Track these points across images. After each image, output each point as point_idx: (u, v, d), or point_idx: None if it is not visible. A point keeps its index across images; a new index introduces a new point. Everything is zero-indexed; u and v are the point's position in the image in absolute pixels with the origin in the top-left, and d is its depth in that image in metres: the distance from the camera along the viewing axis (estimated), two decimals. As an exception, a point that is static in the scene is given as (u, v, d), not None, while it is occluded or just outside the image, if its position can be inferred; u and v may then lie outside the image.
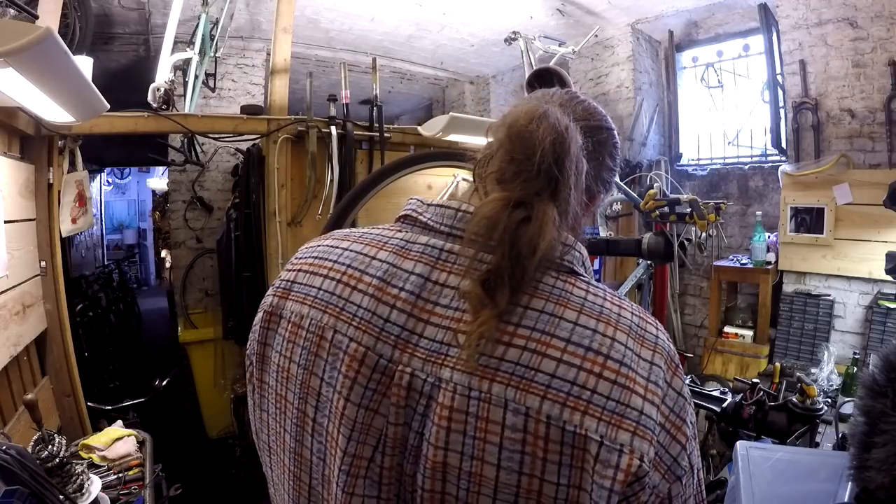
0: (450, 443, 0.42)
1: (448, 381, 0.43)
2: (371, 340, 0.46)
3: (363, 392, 0.46)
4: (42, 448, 1.22)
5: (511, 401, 0.42)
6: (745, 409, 1.39)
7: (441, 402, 0.43)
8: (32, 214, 1.66)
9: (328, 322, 0.49)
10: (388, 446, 0.45)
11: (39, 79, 0.96)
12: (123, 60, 3.60)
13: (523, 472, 0.41)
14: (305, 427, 0.49)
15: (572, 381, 0.42)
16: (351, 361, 0.46)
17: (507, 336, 0.44)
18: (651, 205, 1.60)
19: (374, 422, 0.45)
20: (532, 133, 0.46)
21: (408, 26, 3.64)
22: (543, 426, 0.41)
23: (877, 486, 0.63)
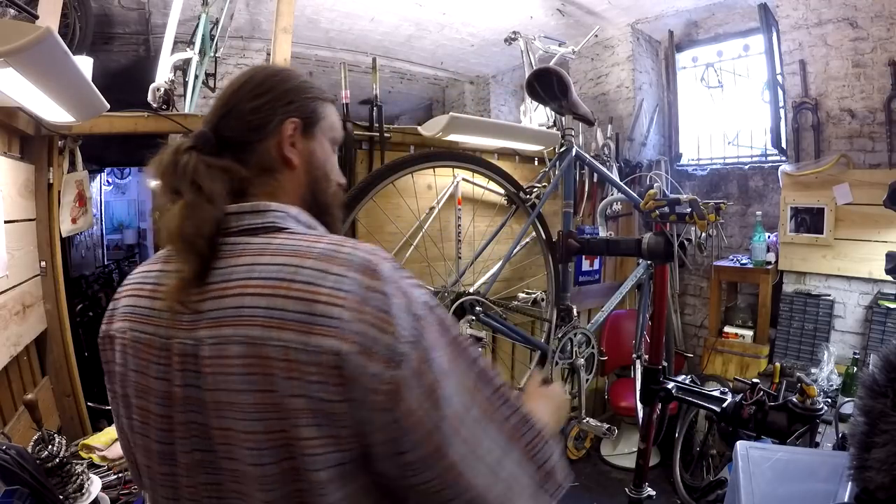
0: (215, 383, 0.53)
1: (199, 339, 0.54)
2: (152, 328, 0.60)
3: (157, 368, 0.58)
4: (42, 448, 1.22)
5: (233, 336, 0.52)
6: (745, 409, 1.38)
7: (202, 356, 0.54)
8: (32, 214, 1.66)
9: (129, 327, 0.63)
10: (178, 405, 0.56)
11: (39, 79, 0.96)
12: (123, 60, 3.60)
13: (257, 390, 0.51)
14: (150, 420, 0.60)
15: (268, 307, 0.51)
16: (146, 349, 0.60)
17: (218, 291, 0.55)
18: (651, 205, 1.60)
19: (165, 387, 0.57)
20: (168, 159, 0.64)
21: (408, 26, 3.64)
22: (260, 348, 0.50)
23: (877, 486, 0.63)
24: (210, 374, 0.53)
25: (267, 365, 0.50)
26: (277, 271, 0.53)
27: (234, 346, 0.52)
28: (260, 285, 0.53)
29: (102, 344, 0.68)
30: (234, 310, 0.53)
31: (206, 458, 0.56)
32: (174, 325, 0.57)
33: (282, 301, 0.51)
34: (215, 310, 0.54)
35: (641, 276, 2.19)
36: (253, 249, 0.56)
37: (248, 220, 0.60)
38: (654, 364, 1.62)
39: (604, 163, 3.10)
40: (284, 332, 0.50)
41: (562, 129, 2.03)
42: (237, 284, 0.54)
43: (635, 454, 1.77)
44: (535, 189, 2.03)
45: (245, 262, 0.55)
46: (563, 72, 1.88)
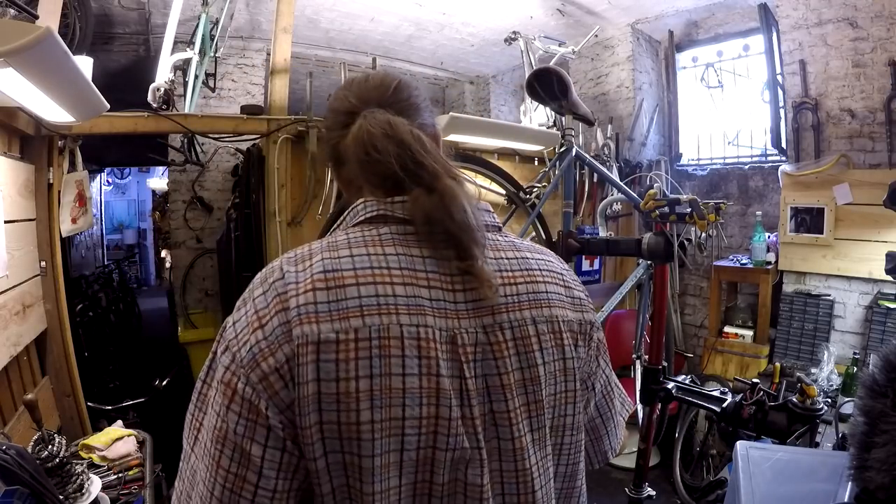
0: (512, 365, 0.56)
1: (492, 325, 0.56)
2: (431, 320, 0.53)
3: (445, 364, 0.52)
4: (42, 448, 1.22)
5: (535, 317, 0.59)
6: (745, 409, 1.38)
7: (495, 341, 0.56)
8: (32, 214, 1.66)
9: (390, 321, 0.51)
10: (472, 397, 0.54)
11: (39, 79, 0.96)
12: (123, 60, 3.60)
13: (556, 359, 0.60)
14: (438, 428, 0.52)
15: (554, 292, 0.63)
16: (431, 344, 0.52)
17: (505, 279, 0.59)
18: (651, 205, 1.60)
19: (456, 385, 0.53)
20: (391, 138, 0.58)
21: (408, 26, 3.64)
22: (557, 324, 0.61)
23: (877, 486, 0.63)
24: (509, 356, 0.56)
25: (560, 339, 0.61)
26: (546, 264, 0.65)
27: (538, 325, 0.59)
28: (542, 275, 0.63)
29: (292, 357, 0.48)
30: (531, 294, 0.60)
31: (497, 445, 0.56)
32: (454, 315, 0.54)
33: (557, 287, 0.63)
34: (507, 296, 0.58)
35: (641, 276, 2.19)
36: (505, 245, 0.63)
37: (488, 218, 0.65)
38: (654, 364, 1.62)
39: (604, 163, 3.10)
40: (566, 310, 0.63)
41: (562, 129, 2.03)
42: (522, 273, 0.61)
43: (635, 454, 1.77)
44: (535, 189, 2.03)
45: (514, 256, 0.62)
46: (563, 72, 1.88)
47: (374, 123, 0.58)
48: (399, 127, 0.58)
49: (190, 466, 0.53)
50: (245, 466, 0.48)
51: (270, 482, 0.49)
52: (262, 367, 0.49)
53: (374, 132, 0.57)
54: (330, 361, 0.48)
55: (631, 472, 1.82)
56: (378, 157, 0.57)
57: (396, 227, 0.57)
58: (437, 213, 0.55)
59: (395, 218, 0.58)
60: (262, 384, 0.48)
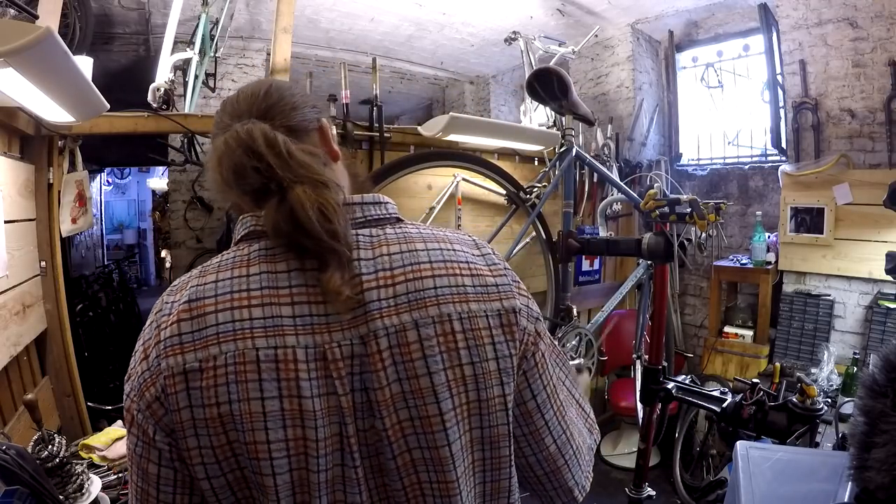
0: (388, 378, 0.52)
1: (367, 334, 0.52)
2: (291, 339, 0.51)
3: (310, 384, 0.51)
4: (42, 448, 1.22)
5: (419, 319, 0.53)
6: (745, 409, 1.38)
7: (371, 353, 0.52)
8: (32, 214, 1.66)
9: (245, 346, 0.50)
10: (346, 415, 0.52)
11: (39, 79, 0.96)
12: (123, 60, 3.60)
13: (453, 364, 0.54)
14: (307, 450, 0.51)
15: (451, 285, 0.56)
16: (290, 365, 0.50)
17: (381, 281, 0.54)
18: (651, 205, 1.60)
19: (329, 402, 0.51)
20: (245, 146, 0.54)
21: (408, 26, 3.64)
22: (449, 324, 0.54)
23: (877, 486, 0.63)
24: (381, 370, 0.52)
25: (455, 341, 0.54)
26: (438, 255, 0.57)
27: (422, 328, 0.53)
28: (433, 268, 0.56)
29: (167, 387, 0.50)
30: (414, 293, 0.54)
31: (378, 462, 0.53)
32: (324, 329, 0.52)
33: (459, 279, 0.56)
34: (385, 299, 0.53)
35: (641, 276, 2.19)
36: (394, 239, 0.58)
37: (374, 211, 0.60)
38: (654, 364, 1.62)
39: (604, 163, 3.10)
40: (469, 304, 0.56)
41: (562, 129, 2.04)
42: (406, 271, 0.55)
43: (635, 454, 1.77)
44: (535, 189, 2.03)
45: (396, 251, 0.56)
46: (563, 72, 1.88)
47: (232, 136, 0.55)
48: (253, 134, 0.54)
49: None
50: (147, 482, 0.53)
51: (169, 496, 0.53)
52: (146, 397, 0.51)
53: (230, 145, 0.55)
54: (197, 389, 0.50)
55: (631, 472, 1.82)
56: (234, 171, 0.54)
57: (265, 243, 0.56)
58: (283, 225, 0.52)
59: (264, 232, 0.57)
60: (148, 411, 0.51)
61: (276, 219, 0.53)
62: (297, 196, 0.52)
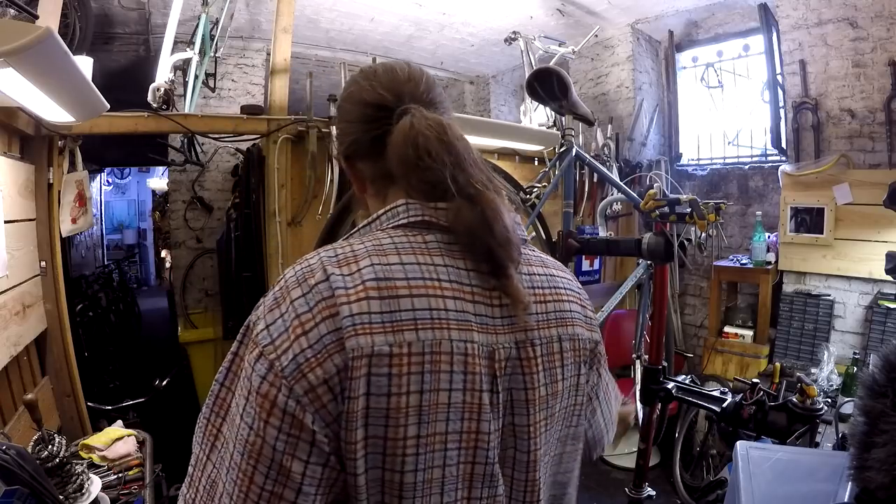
0: (540, 381, 0.58)
1: (524, 341, 0.57)
2: (476, 336, 0.53)
3: (485, 379, 0.53)
4: (42, 448, 1.22)
5: (560, 335, 0.61)
6: (745, 409, 1.38)
7: (525, 357, 0.57)
8: (32, 214, 1.66)
9: (442, 336, 0.50)
10: (501, 413, 0.55)
11: (39, 79, 0.96)
12: (123, 60, 3.60)
13: (573, 374, 0.63)
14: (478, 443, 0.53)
15: (572, 311, 0.64)
16: (473, 360, 0.52)
17: (536, 296, 0.60)
18: (651, 205, 1.60)
19: (493, 399, 0.54)
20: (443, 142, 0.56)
21: (408, 26, 3.64)
22: (577, 342, 0.63)
23: (877, 486, 0.63)
24: (538, 372, 0.58)
25: (578, 356, 0.63)
26: (567, 282, 0.66)
27: (562, 342, 0.61)
28: (565, 293, 0.64)
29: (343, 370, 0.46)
30: (558, 313, 0.62)
31: (513, 455, 0.57)
32: (492, 330, 0.55)
33: (576, 306, 0.65)
34: (537, 314, 0.59)
35: (641, 276, 2.18)
36: (534, 260, 0.64)
37: (519, 233, 0.61)
38: (654, 364, 1.62)
39: (604, 163, 3.10)
40: (582, 329, 0.64)
41: (562, 129, 2.03)
42: (551, 291, 0.62)
43: (635, 454, 1.77)
44: (535, 189, 2.03)
45: (541, 273, 0.63)
46: (563, 72, 1.88)
47: (426, 126, 0.55)
48: (451, 132, 0.57)
49: (208, 476, 0.50)
50: (283, 484, 0.46)
51: (308, 499, 0.46)
52: (309, 379, 0.46)
53: (429, 136, 0.55)
54: (382, 375, 0.47)
55: (631, 472, 1.82)
56: (431, 163, 0.54)
57: (441, 236, 0.56)
58: (479, 227, 0.54)
59: (438, 225, 0.56)
60: (307, 396, 0.46)
61: (468, 218, 0.54)
62: (493, 202, 0.56)
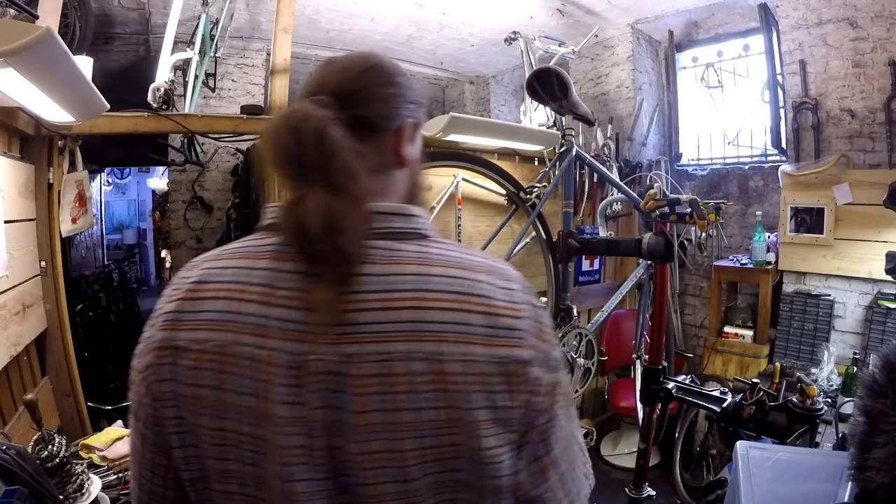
0: (370, 405, 0.48)
1: (349, 355, 0.49)
2: (275, 342, 0.50)
3: (283, 389, 0.50)
4: (42, 448, 1.22)
5: (412, 352, 0.49)
6: (745, 409, 1.38)
7: (353, 374, 0.49)
8: (32, 214, 1.66)
9: (232, 339, 0.51)
10: (316, 430, 0.49)
11: (39, 79, 0.96)
12: (123, 60, 3.60)
13: (434, 407, 0.49)
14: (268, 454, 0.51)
15: (454, 321, 0.50)
16: (264, 367, 0.50)
17: (381, 302, 0.50)
18: (651, 205, 1.60)
19: (297, 412, 0.49)
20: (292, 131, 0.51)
21: (408, 26, 3.64)
22: (443, 364, 0.49)
23: (877, 486, 0.63)
24: (362, 394, 0.48)
25: (446, 381, 0.49)
26: (454, 284, 0.52)
27: (412, 363, 0.48)
28: (440, 298, 0.50)
29: (159, 357, 0.54)
30: (412, 324, 0.49)
31: (340, 482, 0.51)
32: (311, 338, 0.50)
33: (465, 315, 0.50)
34: (380, 322, 0.49)
35: (641, 276, 2.19)
36: (411, 258, 0.53)
37: (396, 224, 0.55)
38: (654, 364, 1.62)
39: (604, 163, 3.10)
40: (471, 346, 0.50)
41: (562, 129, 2.04)
42: (411, 296, 0.50)
43: (635, 454, 1.77)
44: (535, 189, 2.03)
45: (412, 272, 0.51)
46: (563, 72, 1.88)
47: (289, 114, 0.53)
48: (308, 119, 0.51)
49: None
50: (137, 437, 0.57)
51: (148, 454, 0.56)
52: (144, 361, 0.55)
53: (279, 124, 0.52)
54: (184, 367, 0.52)
55: (631, 472, 1.82)
56: (279, 153, 0.52)
57: (281, 238, 0.54)
58: (296, 226, 0.50)
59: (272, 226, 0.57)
60: (141, 375, 0.55)
61: (291, 218, 0.51)
62: (318, 197, 0.50)
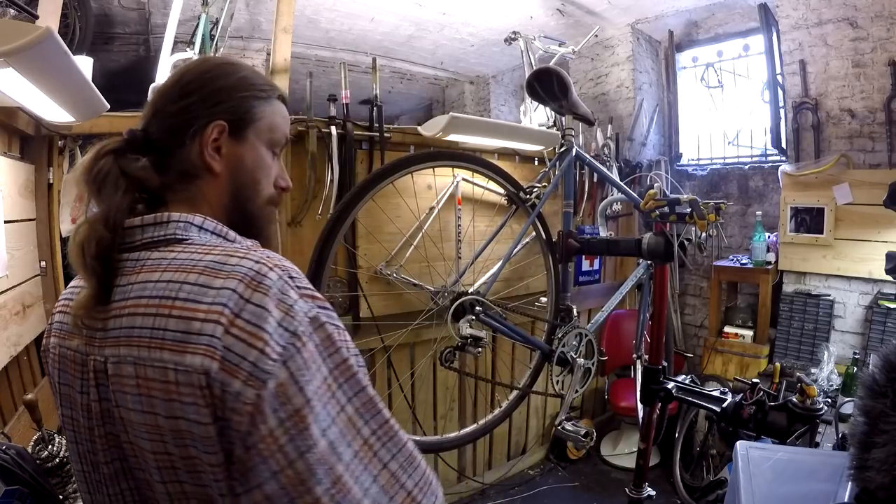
0: (117, 401, 0.54)
1: (105, 357, 0.55)
2: (74, 344, 0.59)
3: (80, 382, 0.59)
4: (42, 448, 1.22)
5: (125, 355, 0.53)
6: (745, 409, 1.38)
7: (110, 374, 0.55)
8: (32, 214, 1.66)
9: (58, 342, 0.63)
10: (94, 418, 0.57)
11: (39, 79, 0.96)
12: (123, 60, 3.60)
13: (144, 411, 0.51)
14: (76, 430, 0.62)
15: (152, 327, 0.51)
16: (71, 364, 0.60)
17: (118, 310, 0.55)
18: (651, 205, 1.60)
19: (84, 400, 0.58)
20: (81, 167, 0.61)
21: (408, 26, 3.64)
22: (145, 369, 0.51)
23: (877, 486, 0.63)
24: (114, 391, 0.54)
25: (148, 386, 0.50)
26: (163, 289, 0.52)
27: (127, 366, 0.52)
28: (146, 304, 0.52)
29: (43, 357, 0.68)
30: (127, 329, 0.53)
31: (124, 467, 0.57)
32: (90, 342, 0.57)
33: (164, 320, 0.50)
34: (115, 328, 0.54)
35: (641, 276, 2.19)
36: (149, 265, 0.55)
37: (150, 233, 0.58)
38: (654, 364, 1.62)
39: (604, 163, 3.10)
40: (164, 352, 0.49)
41: (562, 129, 2.03)
42: (131, 303, 0.54)
43: (635, 454, 1.77)
44: (535, 189, 2.03)
45: (140, 280, 0.55)
46: (563, 72, 1.88)
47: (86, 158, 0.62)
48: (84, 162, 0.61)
49: None
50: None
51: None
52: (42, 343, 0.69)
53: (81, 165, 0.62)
54: (49, 365, 0.66)
55: (631, 472, 1.82)
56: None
57: None
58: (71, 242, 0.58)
59: None
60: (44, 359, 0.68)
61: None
62: (76, 229, 0.59)
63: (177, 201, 0.62)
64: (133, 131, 0.63)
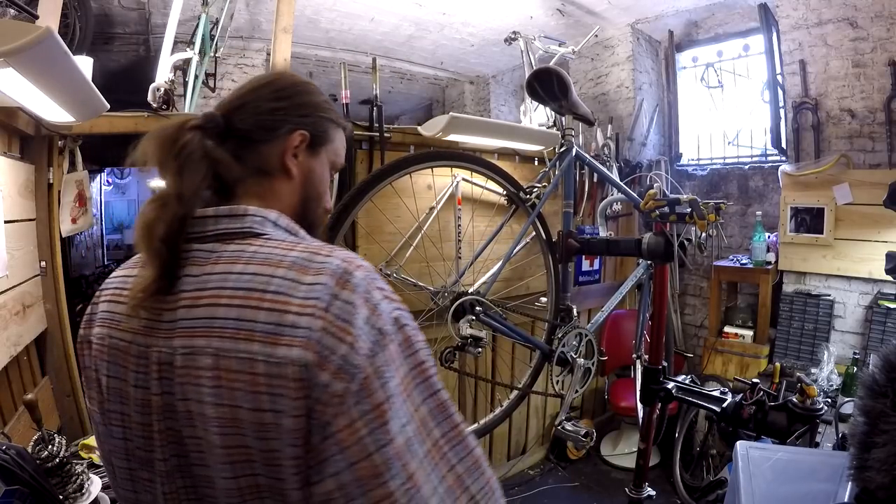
0: (184, 393, 0.52)
1: (173, 348, 0.54)
2: (130, 336, 0.58)
3: (136, 376, 0.57)
4: (42, 448, 1.22)
5: (202, 347, 0.51)
6: (745, 409, 1.38)
7: (176, 366, 0.53)
8: (32, 214, 1.66)
9: (107, 333, 0.61)
10: (155, 413, 0.55)
11: (39, 79, 0.96)
12: (123, 60, 3.60)
13: (222, 403, 0.50)
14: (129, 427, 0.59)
15: (238, 318, 0.50)
16: (124, 356, 0.58)
17: (190, 300, 0.54)
18: (651, 205, 1.60)
19: (142, 394, 0.56)
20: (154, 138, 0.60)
21: (408, 26, 3.64)
22: (227, 360, 0.50)
23: (877, 486, 0.63)
24: (181, 384, 0.52)
25: (230, 378, 0.49)
26: (249, 281, 0.52)
27: (204, 357, 0.51)
28: (231, 295, 0.52)
29: (80, 348, 0.66)
30: (206, 320, 0.52)
31: (181, 463, 0.55)
32: (152, 333, 0.56)
33: (252, 312, 0.50)
34: (187, 319, 0.53)
35: (641, 276, 2.19)
36: (227, 257, 0.55)
37: (225, 225, 0.58)
38: (654, 364, 1.62)
39: (604, 163, 3.10)
40: (252, 343, 0.49)
41: (562, 129, 2.04)
42: (210, 294, 0.53)
43: (635, 454, 1.77)
44: (535, 189, 2.03)
45: (219, 271, 0.54)
46: (563, 72, 1.88)
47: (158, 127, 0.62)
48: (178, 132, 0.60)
49: None
50: None
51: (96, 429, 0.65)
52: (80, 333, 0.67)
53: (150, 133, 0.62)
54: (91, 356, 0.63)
55: (631, 472, 1.82)
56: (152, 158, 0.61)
57: None
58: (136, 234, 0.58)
59: None
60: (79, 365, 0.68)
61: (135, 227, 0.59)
62: (141, 211, 0.58)
63: (248, 195, 0.63)
64: (213, 115, 0.63)
